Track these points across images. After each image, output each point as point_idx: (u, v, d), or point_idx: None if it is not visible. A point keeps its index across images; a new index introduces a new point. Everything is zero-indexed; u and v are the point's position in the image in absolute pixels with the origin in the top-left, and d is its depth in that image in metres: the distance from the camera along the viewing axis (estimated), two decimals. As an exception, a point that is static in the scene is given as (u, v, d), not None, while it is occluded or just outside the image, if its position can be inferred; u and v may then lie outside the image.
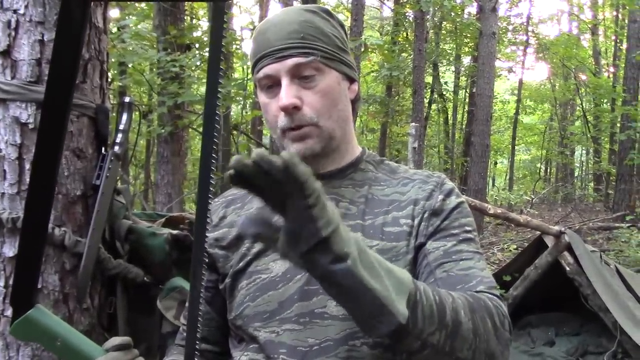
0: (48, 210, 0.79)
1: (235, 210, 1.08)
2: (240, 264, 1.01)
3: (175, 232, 1.63)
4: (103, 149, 1.50)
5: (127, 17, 5.74)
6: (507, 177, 19.12)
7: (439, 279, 0.91)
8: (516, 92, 17.80)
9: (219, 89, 0.79)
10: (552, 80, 18.79)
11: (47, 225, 0.81)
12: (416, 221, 0.97)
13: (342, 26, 1.05)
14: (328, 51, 0.98)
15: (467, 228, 0.98)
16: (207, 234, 1.06)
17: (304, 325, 0.92)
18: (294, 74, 0.96)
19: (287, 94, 0.95)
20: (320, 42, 0.98)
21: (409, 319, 0.72)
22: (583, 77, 16.40)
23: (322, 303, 0.92)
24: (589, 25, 16.96)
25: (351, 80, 1.05)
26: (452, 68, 16.07)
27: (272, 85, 0.98)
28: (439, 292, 0.79)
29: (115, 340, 0.92)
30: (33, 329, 0.82)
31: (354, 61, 1.08)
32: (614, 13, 15.28)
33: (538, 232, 4.25)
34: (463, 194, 1.10)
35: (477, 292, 0.88)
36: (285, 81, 0.96)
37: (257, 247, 1.00)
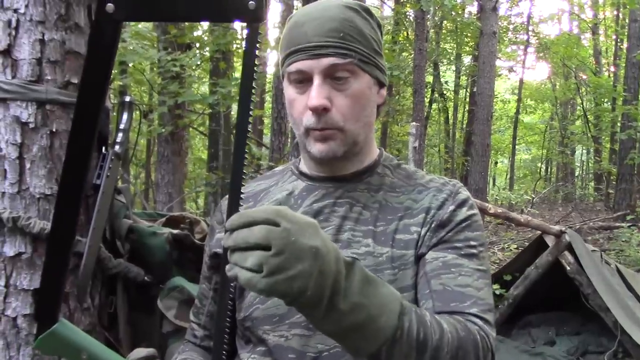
0: (75, 222, 0.79)
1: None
2: None
3: (175, 231, 1.64)
4: (103, 148, 1.50)
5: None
6: (508, 177, 19.10)
7: (434, 291, 0.90)
8: (517, 91, 17.79)
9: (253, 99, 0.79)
10: (552, 80, 18.76)
11: (74, 237, 0.80)
12: (424, 230, 0.95)
13: (380, 27, 1.02)
14: (365, 54, 0.95)
15: (472, 243, 0.95)
16: (217, 235, 1.05)
17: (313, 331, 0.91)
18: (327, 73, 0.93)
19: (319, 94, 0.92)
20: (358, 43, 0.95)
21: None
22: (584, 76, 16.35)
23: None
24: (590, 25, 16.92)
25: (381, 85, 1.02)
26: (453, 67, 16.07)
27: (302, 80, 0.95)
28: (424, 327, 0.78)
29: (140, 352, 0.91)
30: (58, 343, 0.82)
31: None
32: (615, 12, 15.25)
33: (538, 232, 4.25)
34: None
35: (469, 313, 0.87)
36: (317, 80, 0.93)
37: None
